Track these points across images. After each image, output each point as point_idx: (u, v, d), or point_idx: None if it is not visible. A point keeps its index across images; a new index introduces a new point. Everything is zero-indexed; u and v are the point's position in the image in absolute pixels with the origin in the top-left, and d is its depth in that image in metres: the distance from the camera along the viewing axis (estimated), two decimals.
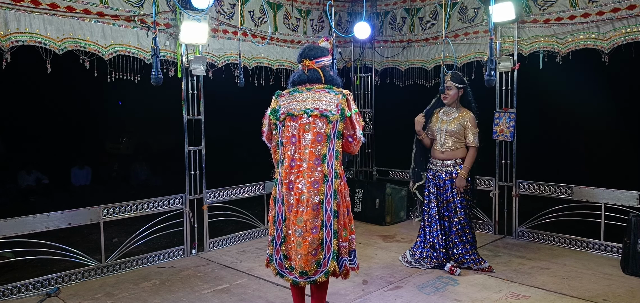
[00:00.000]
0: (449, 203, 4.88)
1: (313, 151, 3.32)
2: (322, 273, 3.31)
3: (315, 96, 3.38)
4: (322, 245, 3.30)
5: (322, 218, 3.29)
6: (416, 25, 6.80)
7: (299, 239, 3.31)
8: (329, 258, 3.30)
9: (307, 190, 3.29)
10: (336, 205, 3.31)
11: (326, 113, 3.33)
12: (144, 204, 5.20)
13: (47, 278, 4.61)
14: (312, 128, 3.33)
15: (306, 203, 3.29)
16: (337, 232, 3.32)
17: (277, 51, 6.27)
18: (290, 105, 3.41)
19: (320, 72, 3.45)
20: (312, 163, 3.31)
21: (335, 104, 3.34)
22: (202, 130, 5.54)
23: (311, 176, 3.30)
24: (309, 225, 3.29)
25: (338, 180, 3.33)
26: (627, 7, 4.97)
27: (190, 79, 5.41)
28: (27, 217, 4.53)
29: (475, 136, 4.83)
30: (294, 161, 3.36)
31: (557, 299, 4.19)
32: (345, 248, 3.40)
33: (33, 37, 4.35)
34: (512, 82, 5.85)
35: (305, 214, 3.29)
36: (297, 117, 3.37)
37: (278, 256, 3.43)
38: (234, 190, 5.95)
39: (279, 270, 3.45)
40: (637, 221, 4.70)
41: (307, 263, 3.30)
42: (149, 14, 5.00)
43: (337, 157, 3.33)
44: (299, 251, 3.32)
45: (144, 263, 5.22)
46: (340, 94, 3.36)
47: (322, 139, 3.32)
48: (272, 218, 3.48)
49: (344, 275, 3.44)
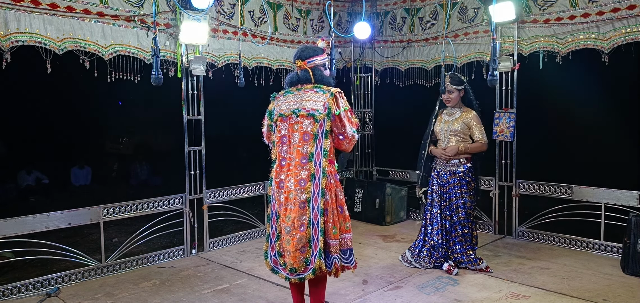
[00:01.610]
0: (451, 202, 4.88)
1: (300, 150, 3.40)
2: (310, 271, 3.37)
3: (304, 96, 3.44)
4: (310, 243, 3.36)
5: (309, 216, 3.35)
6: (416, 25, 6.80)
7: (288, 236, 3.40)
8: (315, 256, 3.35)
9: (295, 188, 3.37)
10: (324, 203, 3.34)
11: (313, 112, 3.38)
12: (144, 204, 5.20)
13: (47, 278, 4.61)
14: (299, 127, 3.41)
15: (293, 201, 3.37)
16: (325, 230, 3.36)
17: (277, 51, 6.27)
18: (282, 106, 3.51)
19: (310, 73, 3.50)
20: (299, 162, 3.39)
21: (323, 102, 3.38)
22: (202, 130, 5.55)
23: (298, 175, 3.37)
24: (296, 223, 3.36)
25: (326, 178, 3.36)
26: (627, 7, 4.96)
27: (190, 79, 5.41)
28: (27, 217, 4.53)
29: (483, 133, 4.83)
30: (284, 160, 3.46)
31: (557, 299, 4.19)
32: (335, 246, 3.43)
33: (33, 37, 4.35)
34: (512, 82, 5.85)
35: (293, 212, 3.37)
36: (287, 117, 3.46)
37: (273, 253, 3.55)
38: (234, 189, 5.95)
39: (273, 267, 3.56)
40: (637, 221, 4.70)
41: (295, 260, 3.38)
42: (149, 14, 5.00)
43: (325, 155, 3.38)
44: (288, 248, 3.41)
45: (144, 263, 5.22)
46: (328, 93, 3.40)
47: (309, 138, 3.39)
48: (268, 215, 3.61)
49: (334, 273, 3.47)
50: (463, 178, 4.85)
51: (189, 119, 5.46)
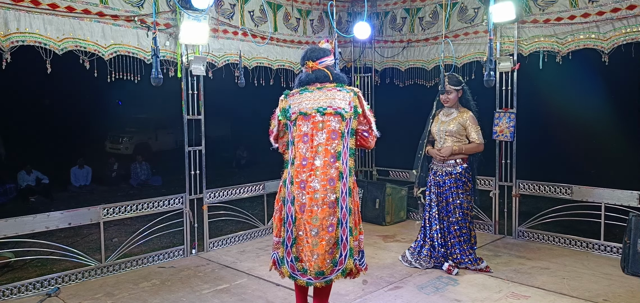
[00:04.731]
0: (448, 203, 4.89)
1: (328, 148, 3.30)
2: (338, 271, 3.29)
3: (328, 94, 3.37)
4: (338, 243, 3.29)
5: (338, 216, 3.28)
6: (416, 25, 6.80)
7: (316, 239, 3.26)
8: (345, 256, 3.28)
9: (322, 188, 3.26)
10: (351, 202, 3.31)
11: (340, 111, 3.32)
12: (144, 204, 5.19)
13: (47, 278, 4.60)
14: (326, 125, 3.31)
15: (321, 202, 3.26)
16: (352, 230, 3.31)
17: (277, 51, 6.27)
18: (302, 104, 3.39)
19: (327, 71, 3.45)
20: (328, 161, 3.28)
21: (348, 101, 3.34)
22: (202, 130, 5.54)
23: (326, 174, 3.27)
24: (325, 223, 3.25)
25: (352, 177, 3.33)
26: (627, 7, 4.96)
27: (190, 79, 5.41)
28: (27, 217, 4.53)
29: (479, 133, 4.84)
30: (305, 160, 3.32)
31: (557, 299, 4.19)
32: (357, 247, 3.39)
33: (33, 37, 4.34)
34: (512, 82, 5.85)
35: (321, 212, 3.25)
36: (309, 115, 3.35)
37: (289, 259, 3.37)
38: (234, 189, 5.94)
39: (291, 273, 3.37)
40: (637, 221, 4.70)
41: (324, 263, 3.26)
42: (149, 14, 5.00)
43: (351, 154, 3.34)
44: (315, 251, 3.27)
45: (144, 263, 5.22)
46: (352, 92, 3.37)
47: (337, 137, 3.31)
48: (281, 219, 3.42)
49: (355, 274, 3.42)
50: (459, 178, 4.85)
51: (189, 119, 5.45)
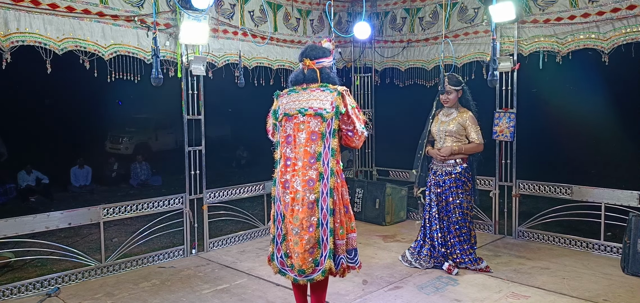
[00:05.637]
0: (447, 203, 4.89)
1: (308, 149, 3.35)
2: (319, 272, 3.33)
3: (311, 95, 3.40)
4: (319, 244, 3.32)
5: (318, 216, 3.32)
6: (416, 25, 6.80)
7: (296, 237, 3.34)
8: (325, 257, 3.31)
9: (302, 189, 3.32)
10: (332, 203, 3.32)
11: (320, 111, 3.34)
12: (144, 204, 5.19)
13: (47, 278, 4.60)
14: (306, 126, 3.36)
15: (301, 202, 3.32)
16: (334, 230, 3.34)
17: (277, 51, 6.27)
18: (287, 105, 3.45)
19: (317, 72, 3.47)
20: (307, 162, 3.34)
21: (330, 101, 3.35)
22: (202, 130, 5.54)
23: (306, 175, 3.32)
24: (305, 223, 3.31)
25: (334, 178, 3.34)
26: (627, 7, 4.96)
27: (190, 79, 5.41)
28: (27, 217, 4.53)
29: (479, 133, 4.84)
30: (289, 160, 3.40)
31: (557, 299, 4.19)
32: (342, 246, 3.41)
33: (33, 37, 4.35)
34: (512, 82, 5.84)
35: (301, 212, 3.32)
36: (292, 116, 3.41)
37: (279, 255, 3.48)
38: (234, 189, 5.94)
39: (280, 268, 3.49)
40: (637, 221, 4.70)
41: (304, 262, 3.33)
42: (149, 14, 5.00)
43: (333, 155, 3.35)
44: (296, 250, 3.35)
45: (144, 263, 5.22)
46: (335, 92, 3.37)
47: (317, 138, 3.35)
48: (273, 216, 3.53)
49: (341, 273, 3.45)
50: (459, 178, 4.85)
51: (189, 119, 5.45)
